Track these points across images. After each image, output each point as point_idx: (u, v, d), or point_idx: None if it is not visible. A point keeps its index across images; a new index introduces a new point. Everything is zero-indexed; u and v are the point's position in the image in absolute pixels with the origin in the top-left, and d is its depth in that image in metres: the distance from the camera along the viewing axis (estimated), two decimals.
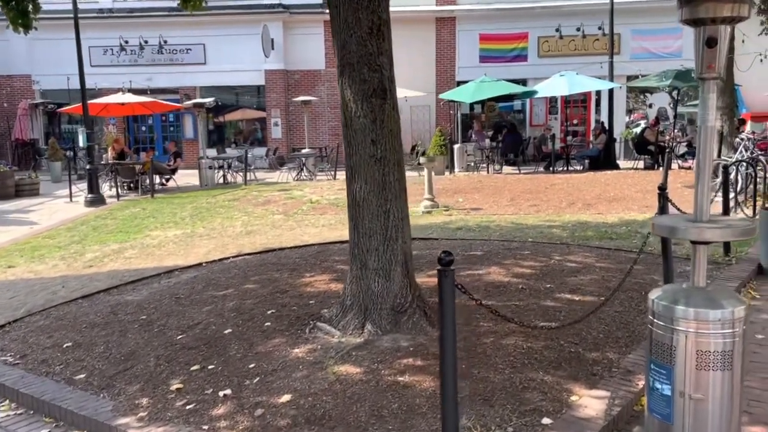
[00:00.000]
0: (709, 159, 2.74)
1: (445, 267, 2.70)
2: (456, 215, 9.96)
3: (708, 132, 2.72)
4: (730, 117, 12.34)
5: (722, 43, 2.62)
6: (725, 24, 2.60)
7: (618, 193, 11.65)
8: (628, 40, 20.25)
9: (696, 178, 2.77)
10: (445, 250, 2.72)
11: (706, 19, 2.59)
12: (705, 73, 2.66)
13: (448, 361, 2.72)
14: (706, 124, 2.71)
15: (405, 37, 20.51)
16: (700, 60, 2.66)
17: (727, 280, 5.69)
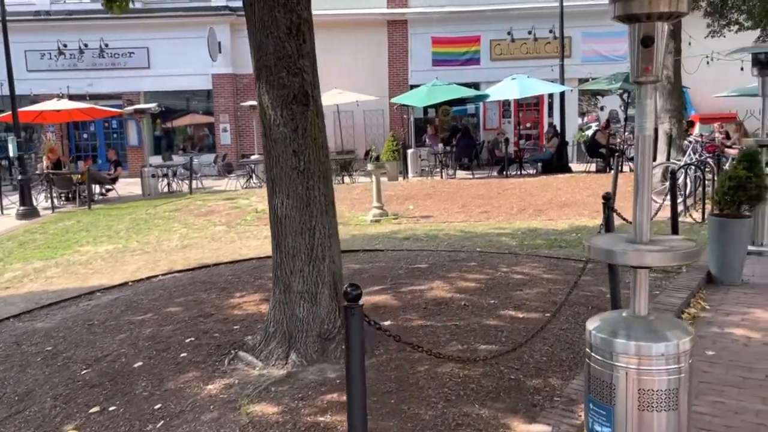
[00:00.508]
0: (647, 171, 2.45)
1: (351, 303, 2.32)
2: (405, 224, 9.64)
3: (645, 142, 2.42)
4: (678, 120, 12.36)
5: (659, 42, 2.33)
6: (662, 21, 2.31)
7: (569, 198, 11.51)
8: (579, 43, 20.34)
9: (635, 194, 2.47)
10: (352, 283, 2.34)
11: (640, 15, 2.30)
12: (641, 76, 2.36)
13: (356, 414, 2.34)
14: (644, 132, 2.41)
15: (356, 41, 20.25)
16: (636, 61, 2.37)
17: (676, 290, 5.49)
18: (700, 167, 9.60)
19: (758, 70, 7.04)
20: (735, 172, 5.86)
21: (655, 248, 2.39)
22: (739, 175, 5.81)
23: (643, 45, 2.32)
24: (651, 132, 2.41)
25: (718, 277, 5.96)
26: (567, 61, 19.84)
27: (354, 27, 20.30)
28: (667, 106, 12.29)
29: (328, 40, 20.13)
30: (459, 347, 4.12)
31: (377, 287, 5.68)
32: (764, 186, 5.88)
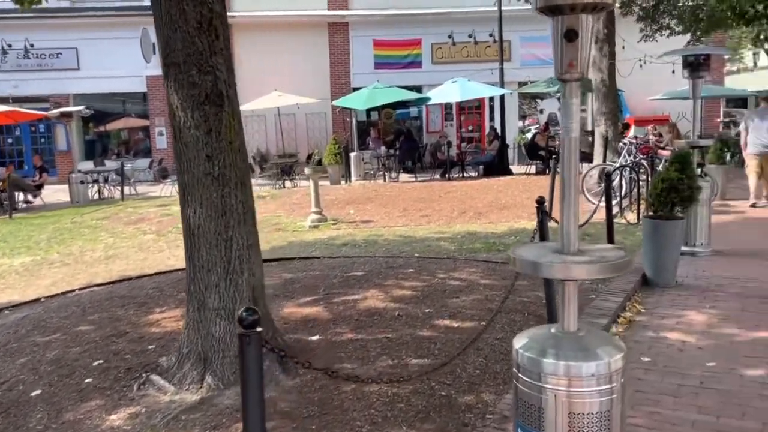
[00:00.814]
0: (574, 176, 2.27)
1: (247, 330, 2.04)
2: (344, 229, 9.38)
3: (572, 144, 2.25)
4: (614, 122, 12.56)
5: (584, 36, 2.15)
6: (587, 13, 2.13)
7: (509, 201, 11.50)
8: (518, 47, 20.56)
9: (562, 200, 2.30)
10: (249, 307, 2.07)
11: (563, 6, 2.11)
12: (566, 72, 2.18)
13: None
14: (570, 134, 2.24)
15: (297, 43, 19.88)
16: (560, 57, 2.18)
17: (612, 293, 5.42)
18: (635, 169, 9.71)
19: (688, 72, 7.11)
20: (667, 174, 5.86)
21: (583, 260, 2.21)
22: (671, 177, 5.81)
23: (567, 39, 2.14)
24: (578, 133, 2.24)
25: (653, 279, 5.95)
26: (506, 65, 20.02)
27: (295, 29, 19.94)
28: (602, 108, 12.46)
29: (269, 42, 19.76)
30: (389, 362, 3.89)
31: (309, 298, 5.40)
32: (696, 187, 5.90)
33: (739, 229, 8.54)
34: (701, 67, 7.02)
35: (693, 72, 7.05)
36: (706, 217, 7.10)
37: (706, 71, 7.07)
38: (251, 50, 19.77)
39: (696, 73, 7.06)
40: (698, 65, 7.03)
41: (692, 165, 5.97)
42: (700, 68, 7.04)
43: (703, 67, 7.02)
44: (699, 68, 7.04)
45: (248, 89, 19.16)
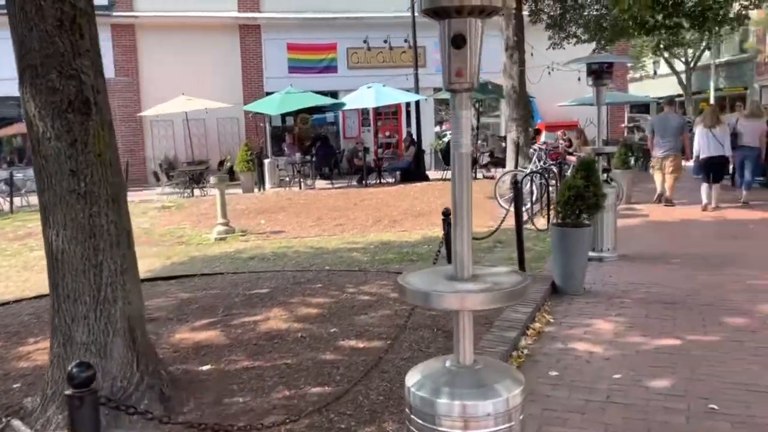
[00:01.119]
0: (466, 195, 2.06)
1: (79, 389, 1.70)
2: (253, 241, 8.96)
3: (462, 160, 2.04)
4: (525, 128, 12.77)
5: (474, 43, 1.95)
6: (475, 16, 1.93)
7: (425, 207, 11.42)
8: (432, 53, 20.67)
9: (453, 222, 2.08)
10: (82, 362, 1.72)
11: (450, 9, 1.90)
12: (454, 82, 1.97)
13: None
14: (459, 149, 2.02)
15: (207, 45, 19.15)
16: (447, 65, 1.97)
17: (521, 303, 5.33)
18: (544, 175, 9.84)
19: (592, 80, 7.22)
20: (573, 181, 5.87)
21: (476, 288, 2.00)
22: (577, 185, 5.82)
23: (454, 45, 1.93)
24: (468, 149, 2.03)
25: (562, 287, 5.93)
26: (422, 71, 20.06)
27: (204, 30, 19.21)
28: (513, 115, 12.64)
29: (176, 44, 18.90)
30: (286, 393, 3.58)
31: (205, 321, 5.01)
32: (601, 194, 5.94)
33: (644, 233, 8.79)
34: (604, 75, 7.14)
35: (596, 80, 7.16)
36: (612, 223, 7.22)
37: (609, 79, 7.20)
38: (156, 52, 18.88)
39: (599, 80, 7.17)
40: (601, 73, 7.15)
41: (597, 172, 6.02)
42: (603, 76, 7.15)
43: (606, 75, 7.14)
44: (602, 76, 7.15)
45: (153, 93, 18.32)
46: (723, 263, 6.80)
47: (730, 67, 37.32)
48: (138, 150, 19.29)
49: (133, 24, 18.86)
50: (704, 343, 4.54)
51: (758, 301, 5.46)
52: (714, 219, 9.54)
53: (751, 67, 36.13)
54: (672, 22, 13.69)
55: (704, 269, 6.59)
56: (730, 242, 7.87)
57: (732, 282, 6.05)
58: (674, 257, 7.21)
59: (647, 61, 38.60)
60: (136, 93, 19.01)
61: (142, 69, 19.06)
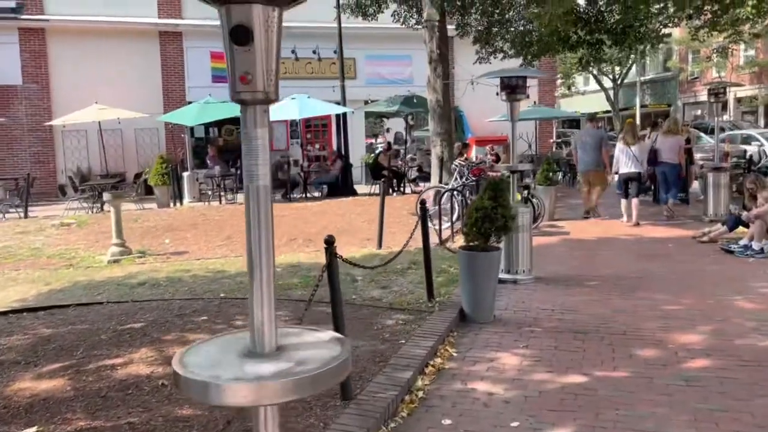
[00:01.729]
0: (265, 245, 1.56)
1: None
2: (150, 264, 8.21)
3: (260, 196, 1.53)
4: (449, 143, 12.49)
5: (264, 38, 1.45)
6: (263, 3, 1.44)
7: (345, 225, 10.92)
8: (363, 66, 20.34)
9: (250, 276, 1.58)
10: None
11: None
12: (240, 90, 1.47)
13: None
14: (255, 182, 1.53)
15: (125, 52, 18.14)
16: (231, 67, 1.47)
17: (423, 336, 4.89)
18: (462, 192, 9.52)
19: (506, 95, 6.92)
20: (481, 202, 5.49)
21: (275, 371, 1.49)
22: (485, 206, 5.44)
23: (235, 41, 1.43)
24: (266, 181, 1.53)
25: (470, 315, 5.53)
26: (352, 83, 19.71)
27: (121, 36, 18.18)
28: (438, 129, 12.35)
29: (90, 50, 17.79)
30: None
31: (58, 365, 4.32)
32: (510, 217, 5.58)
33: (562, 252, 8.56)
34: (518, 90, 6.85)
35: (510, 94, 6.86)
36: (527, 244, 6.90)
37: (523, 94, 6.90)
38: (68, 58, 17.74)
39: (513, 95, 6.87)
40: (515, 87, 6.85)
41: (506, 192, 5.66)
42: (516, 91, 6.86)
43: (520, 90, 6.85)
44: (516, 90, 6.86)
45: (65, 101, 17.16)
46: (638, 286, 6.58)
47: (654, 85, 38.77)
48: (47, 162, 18.02)
49: (44, 28, 17.65)
50: (612, 380, 4.20)
51: (671, 329, 5.19)
52: (633, 237, 9.42)
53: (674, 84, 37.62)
54: (594, 38, 13.76)
55: (619, 293, 6.33)
56: (647, 263, 7.69)
57: (646, 307, 5.80)
58: (590, 279, 6.95)
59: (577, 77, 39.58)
60: (46, 101, 17.77)
61: (53, 76, 17.85)
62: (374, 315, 5.50)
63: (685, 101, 36.93)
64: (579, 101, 40.72)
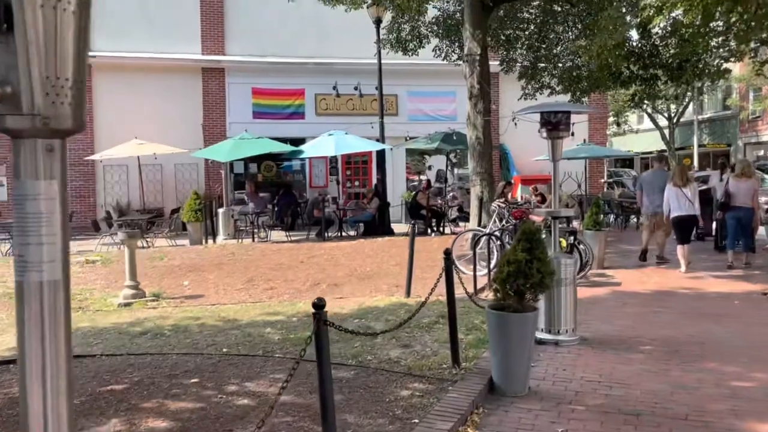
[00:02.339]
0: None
1: None
2: (161, 309, 7.71)
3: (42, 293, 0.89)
4: (490, 182, 11.74)
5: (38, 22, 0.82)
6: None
7: (375, 268, 10.25)
8: (405, 102, 19.91)
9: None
10: None
11: None
12: None
13: None
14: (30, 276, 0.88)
15: (168, 88, 18.24)
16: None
17: (441, 415, 4.12)
18: (501, 237, 8.74)
19: (547, 132, 6.20)
20: (514, 254, 4.74)
21: None
22: (518, 259, 4.68)
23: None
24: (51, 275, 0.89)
25: (500, 386, 4.73)
26: (394, 120, 19.29)
27: (165, 73, 18.31)
28: (477, 167, 11.64)
29: (133, 85, 17.96)
30: None
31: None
32: (548, 272, 4.80)
33: (613, 307, 7.65)
34: (560, 126, 6.12)
35: (551, 131, 6.14)
36: (571, 300, 6.07)
37: (566, 131, 6.17)
38: (113, 94, 17.93)
39: (555, 132, 6.15)
40: (557, 124, 6.13)
41: (543, 243, 4.89)
42: (559, 127, 6.14)
43: (562, 126, 6.12)
44: (558, 127, 6.14)
45: (108, 136, 17.25)
46: (702, 354, 5.65)
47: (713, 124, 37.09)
48: (88, 196, 18.11)
49: (90, 64, 17.92)
50: None
51: (743, 414, 4.28)
52: (694, 291, 8.42)
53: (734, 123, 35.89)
54: (648, 73, 12.90)
55: (678, 362, 5.42)
56: (711, 324, 6.72)
57: (711, 383, 4.88)
58: (644, 342, 6.05)
59: (630, 115, 38.32)
60: (89, 135, 17.92)
61: (98, 111, 18.03)
62: (388, 383, 4.77)
63: (746, 141, 35.09)
64: (632, 140, 39.33)
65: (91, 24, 0.89)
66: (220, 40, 18.80)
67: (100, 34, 17.86)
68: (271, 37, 18.70)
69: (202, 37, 18.64)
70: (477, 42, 11.54)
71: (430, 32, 14.89)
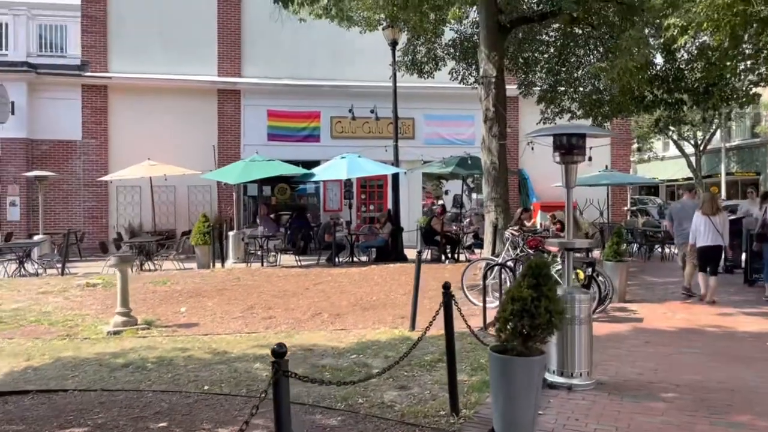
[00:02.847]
0: None
1: None
2: (150, 338, 7.31)
3: None
4: (505, 208, 11.24)
5: None
6: None
7: (382, 296, 9.78)
8: (422, 125, 19.55)
9: None
10: None
11: None
12: None
13: None
14: None
15: (182, 109, 18.12)
16: None
17: None
18: (512, 268, 8.22)
19: (560, 156, 5.73)
20: (519, 291, 4.25)
21: None
22: (523, 296, 4.20)
23: None
24: None
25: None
26: (410, 143, 18.96)
27: (180, 94, 18.21)
28: (492, 193, 11.15)
29: (150, 107, 17.86)
30: None
31: None
32: (558, 312, 4.29)
33: (634, 346, 7.04)
34: (575, 150, 5.65)
35: (565, 156, 5.67)
36: (585, 340, 5.52)
37: (581, 155, 5.69)
38: (128, 115, 17.87)
39: (569, 157, 5.67)
40: (571, 148, 5.67)
41: (551, 278, 4.39)
42: (573, 152, 5.66)
43: (577, 151, 5.65)
44: (572, 151, 5.66)
45: (122, 157, 17.15)
46: (732, 404, 5.05)
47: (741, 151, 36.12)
48: (100, 217, 17.94)
49: (106, 85, 17.92)
50: None
51: None
52: (723, 330, 7.78)
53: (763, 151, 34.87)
54: (672, 98, 12.36)
55: (705, 413, 4.83)
56: (742, 368, 6.11)
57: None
58: (667, 389, 5.46)
59: (654, 142, 37.53)
60: (104, 156, 17.85)
61: (112, 132, 17.98)
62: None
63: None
64: (657, 167, 38.45)
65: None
66: (237, 62, 18.69)
67: (116, 55, 17.93)
68: (287, 60, 18.57)
69: (218, 58, 18.55)
70: (493, 64, 11.15)
71: (446, 54, 14.56)
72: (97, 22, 17.81)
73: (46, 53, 17.96)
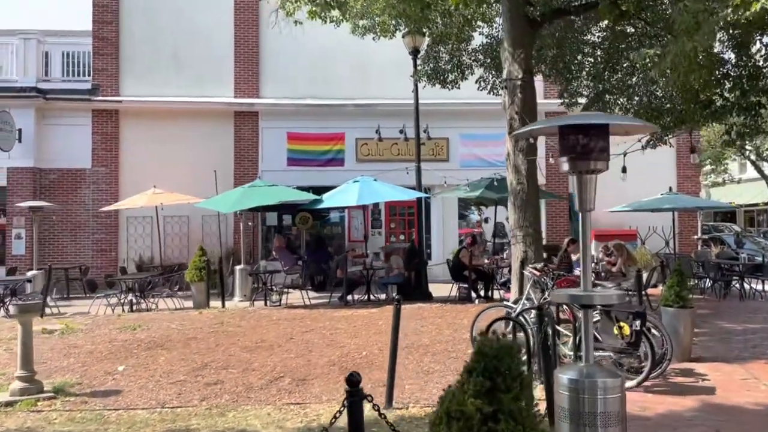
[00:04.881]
0: None
1: None
2: (45, 413, 5.62)
3: None
4: (536, 238, 9.09)
5: None
6: None
7: (374, 352, 7.84)
8: (458, 146, 17.60)
9: None
10: None
11: None
12: None
13: None
14: None
15: (196, 134, 16.88)
16: None
17: None
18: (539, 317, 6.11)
19: (569, 162, 3.72)
20: (460, 402, 2.27)
21: None
22: (467, 413, 2.22)
23: None
24: None
25: None
26: (445, 165, 17.14)
27: (195, 117, 17.00)
28: (520, 221, 9.04)
29: (163, 131, 16.67)
30: None
31: None
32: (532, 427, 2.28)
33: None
34: (592, 153, 3.63)
35: (576, 161, 3.66)
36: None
37: (602, 160, 3.66)
38: (139, 140, 16.80)
39: (583, 162, 3.66)
40: (589, 150, 3.65)
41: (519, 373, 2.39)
42: (590, 155, 3.65)
43: (595, 153, 3.63)
44: (589, 155, 3.65)
45: (132, 185, 15.99)
46: None
47: None
48: (109, 249, 16.78)
49: (117, 110, 16.93)
50: None
51: None
52: None
53: None
54: (746, 102, 9.98)
55: None
56: None
57: None
58: None
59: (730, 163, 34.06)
60: (114, 185, 16.76)
61: (123, 159, 16.90)
62: None
63: None
64: (733, 191, 34.77)
65: None
66: (254, 82, 17.37)
67: (128, 78, 16.95)
68: (307, 79, 17.14)
69: (235, 79, 17.29)
70: (518, 63, 9.18)
71: (474, 61, 12.64)
72: (108, 44, 16.92)
73: (55, 78, 17.14)
